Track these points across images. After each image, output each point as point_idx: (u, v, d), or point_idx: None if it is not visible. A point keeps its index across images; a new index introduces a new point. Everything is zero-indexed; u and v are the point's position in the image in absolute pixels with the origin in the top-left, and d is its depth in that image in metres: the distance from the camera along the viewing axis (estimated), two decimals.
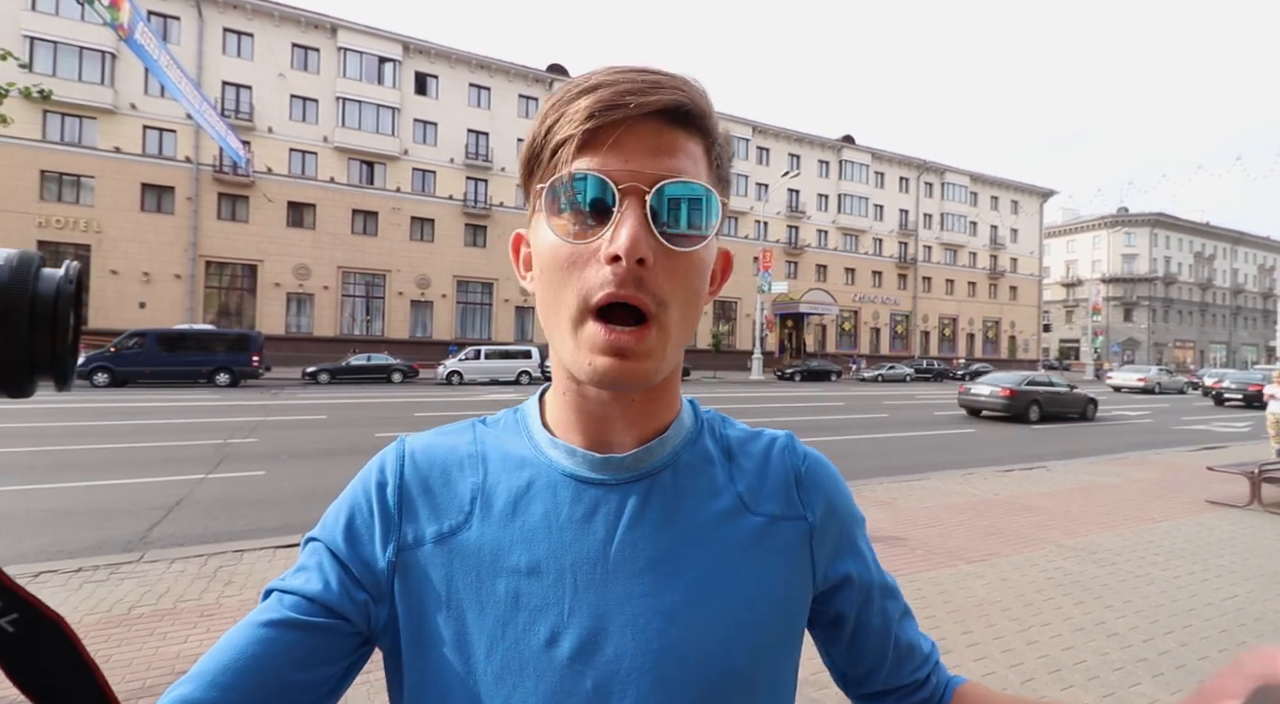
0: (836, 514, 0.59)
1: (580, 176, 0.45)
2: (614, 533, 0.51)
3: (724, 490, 0.55)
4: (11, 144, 24.68)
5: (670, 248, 0.45)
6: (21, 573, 4.17)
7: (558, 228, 0.46)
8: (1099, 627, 3.65)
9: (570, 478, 0.52)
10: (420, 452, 0.56)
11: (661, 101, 0.45)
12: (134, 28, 9.63)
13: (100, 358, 18.55)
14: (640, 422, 0.54)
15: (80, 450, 8.64)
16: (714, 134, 0.50)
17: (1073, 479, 8.11)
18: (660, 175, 0.45)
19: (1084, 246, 67.42)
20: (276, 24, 29.39)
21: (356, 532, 0.52)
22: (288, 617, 0.48)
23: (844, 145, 44.83)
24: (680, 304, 0.47)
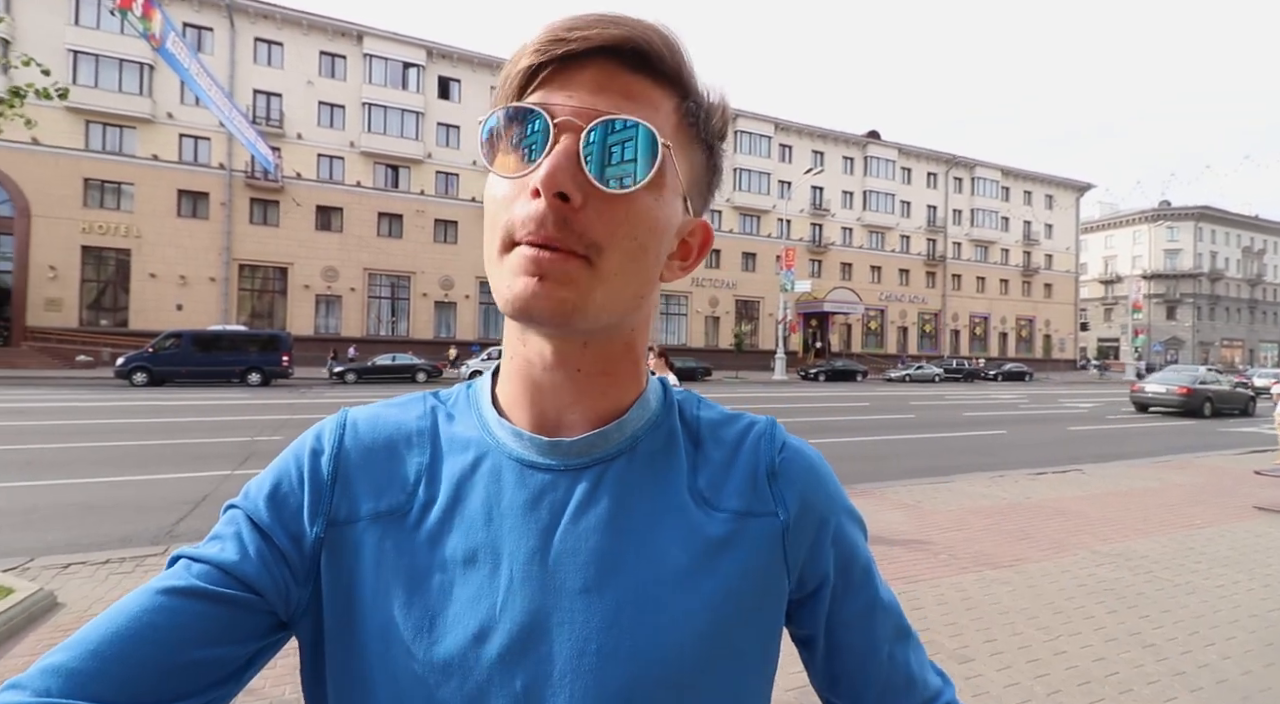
0: (816, 511, 0.52)
1: (517, 110, 0.43)
2: (558, 523, 0.46)
3: (682, 482, 0.50)
4: (57, 153, 25.70)
5: (601, 187, 0.41)
6: (51, 564, 4.29)
7: (498, 165, 0.44)
8: (1133, 637, 3.47)
9: (517, 462, 0.49)
10: (364, 422, 0.51)
11: (610, 36, 0.42)
12: (165, 37, 9.91)
13: (139, 358, 19.17)
14: (591, 397, 0.49)
15: (114, 447, 8.91)
16: (688, 89, 0.46)
17: (1109, 483, 7.80)
18: (601, 112, 0.42)
19: (1123, 242, 65.29)
20: (305, 32, 30.06)
21: (282, 500, 0.48)
22: (193, 585, 0.42)
23: (869, 141, 44.12)
24: (621, 254, 0.43)
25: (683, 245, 0.51)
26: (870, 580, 0.54)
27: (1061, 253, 52.96)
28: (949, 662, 3.14)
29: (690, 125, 0.47)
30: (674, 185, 0.46)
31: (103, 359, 24.46)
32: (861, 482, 7.66)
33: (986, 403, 21.18)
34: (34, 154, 25.17)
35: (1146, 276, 60.46)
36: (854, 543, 0.54)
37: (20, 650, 3.14)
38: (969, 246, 48.37)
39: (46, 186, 25.47)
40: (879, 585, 0.55)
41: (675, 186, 0.46)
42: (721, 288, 39.17)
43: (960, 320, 47.89)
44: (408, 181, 31.86)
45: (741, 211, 40.12)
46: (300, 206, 29.53)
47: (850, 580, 0.53)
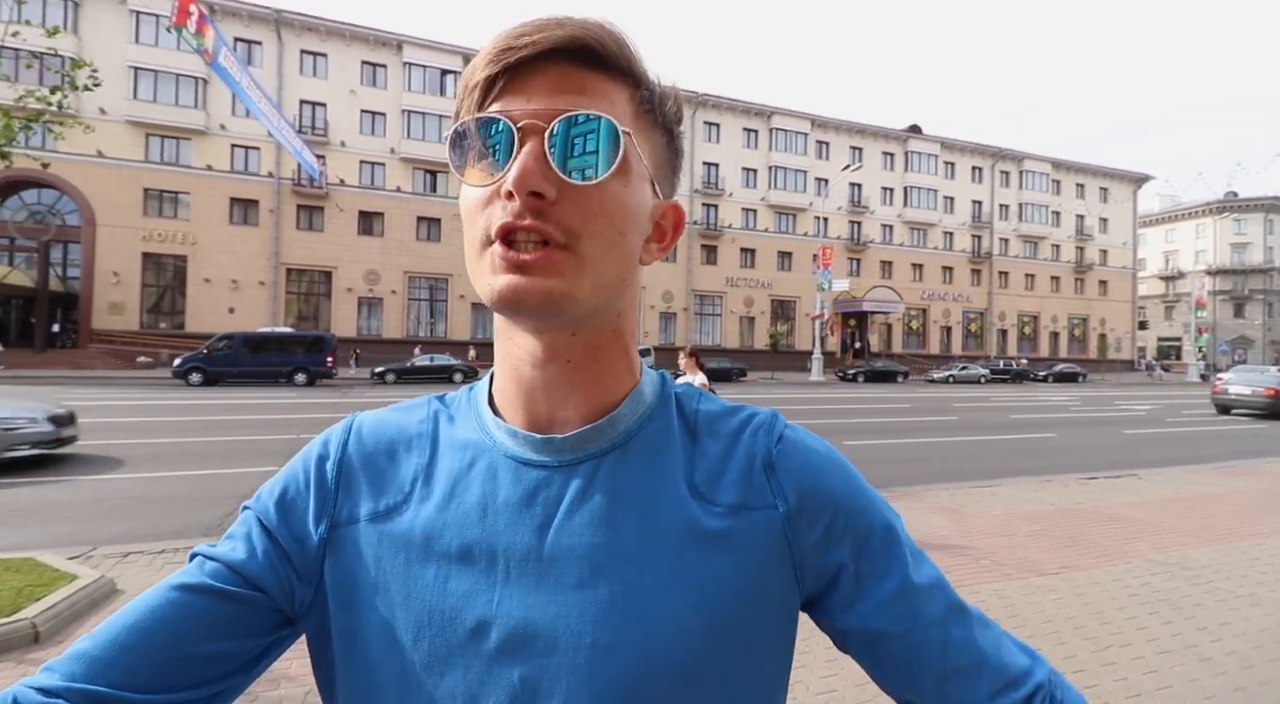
0: (818, 498, 0.50)
1: (481, 121, 0.44)
2: (552, 519, 0.47)
3: (678, 476, 0.50)
4: (119, 165, 27.18)
5: (571, 181, 0.43)
6: (112, 553, 4.53)
7: (469, 177, 0.45)
8: (1189, 650, 3.29)
9: (512, 460, 0.50)
10: (368, 427, 0.54)
11: (558, 38, 0.44)
12: (218, 52, 10.35)
13: (195, 359, 20.09)
14: (581, 391, 0.50)
15: (173, 443, 9.37)
16: (639, 79, 0.48)
17: (1168, 488, 7.42)
18: (560, 111, 0.43)
19: (1185, 236, 62.07)
20: (348, 43, 31.04)
21: (290, 503, 0.51)
22: (204, 582, 0.46)
23: (910, 135, 43.04)
24: (599, 241, 0.44)
25: (657, 228, 0.52)
26: (898, 560, 0.50)
27: (1118, 248, 50.63)
28: None
29: (647, 112, 0.48)
30: (640, 171, 0.47)
31: (161, 360, 25.74)
32: (900, 485, 7.48)
33: (1035, 405, 20.42)
34: (99, 166, 26.68)
35: (1211, 272, 57.30)
36: (871, 523, 0.51)
37: (83, 633, 3.32)
38: (1017, 243, 46.68)
39: (110, 197, 26.96)
40: (913, 563, 0.51)
41: (641, 172, 0.47)
42: (757, 287, 38.78)
43: (1008, 319, 46.27)
44: (446, 186, 32.58)
45: (777, 210, 39.65)
46: (343, 212, 30.51)
47: (873, 563, 0.50)
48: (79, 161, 25.61)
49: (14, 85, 3.56)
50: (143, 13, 27.30)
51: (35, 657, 3.06)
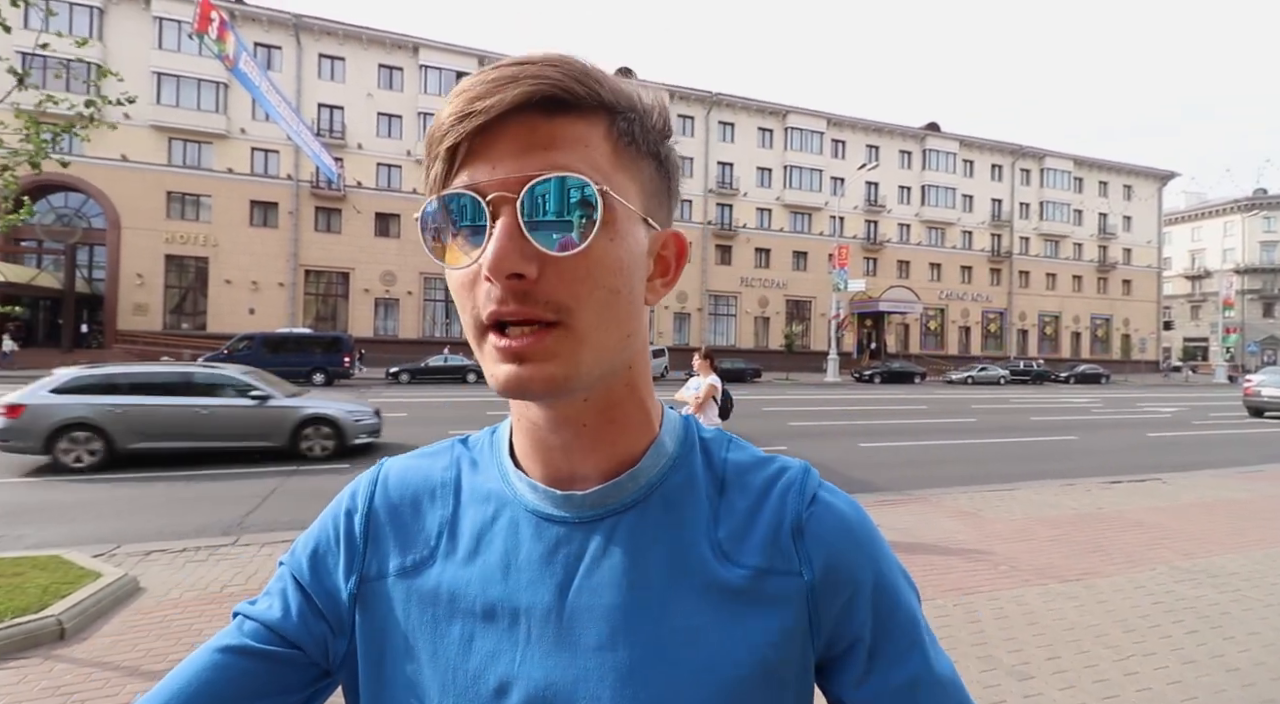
0: (846, 571, 0.48)
1: (446, 199, 0.42)
2: (572, 578, 0.47)
3: (700, 533, 0.48)
4: (142, 169, 27.74)
5: (553, 253, 0.40)
6: (135, 551, 4.63)
7: (448, 259, 0.43)
8: (1215, 660, 3.21)
9: (533, 514, 0.49)
10: (395, 477, 0.54)
11: (516, 96, 0.40)
12: (238, 57, 10.52)
13: (216, 359, 20.41)
14: (599, 450, 0.49)
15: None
16: (614, 108, 0.44)
17: (1193, 493, 7.26)
18: (529, 177, 0.40)
19: (1212, 234, 60.63)
20: (365, 47, 31.39)
21: (321, 559, 0.52)
22: (244, 644, 0.48)
23: (928, 133, 42.54)
24: (594, 307, 0.42)
25: (659, 262, 0.49)
26: (919, 648, 0.48)
27: (1142, 246, 49.63)
28: (1006, 679, 2.99)
29: (629, 145, 0.44)
30: (627, 216, 0.43)
31: (184, 360, 26.22)
32: (916, 488, 7.39)
33: (1056, 407, 20.09)
34: (123, 170, 27.26)
35: (1239, 271, 55.92)
36: (894, 604, 0.49)
37: (108, 630, 3.39)
38: (1038, 241, 45.95)
39: (134, 200, 27.53)
40: (931, 656, 0.49)
41: (629, 217, 0.44)
42: (771, 288, 38.58)
43: (1028, 319, 45.56)
44: None
45: (792, 210, 39.41)
46: (360, 214, 30.85)
47: (892, 646, 0.48)
48: (104, 166, 26.20)
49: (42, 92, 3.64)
50: (166, 19, 27.82)
51: (61, 653, 3.13)
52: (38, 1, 3.72)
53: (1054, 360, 43.48)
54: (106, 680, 2.88)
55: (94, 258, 28.30)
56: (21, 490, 6.43)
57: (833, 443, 11.17)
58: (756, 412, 15.31)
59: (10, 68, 3.65)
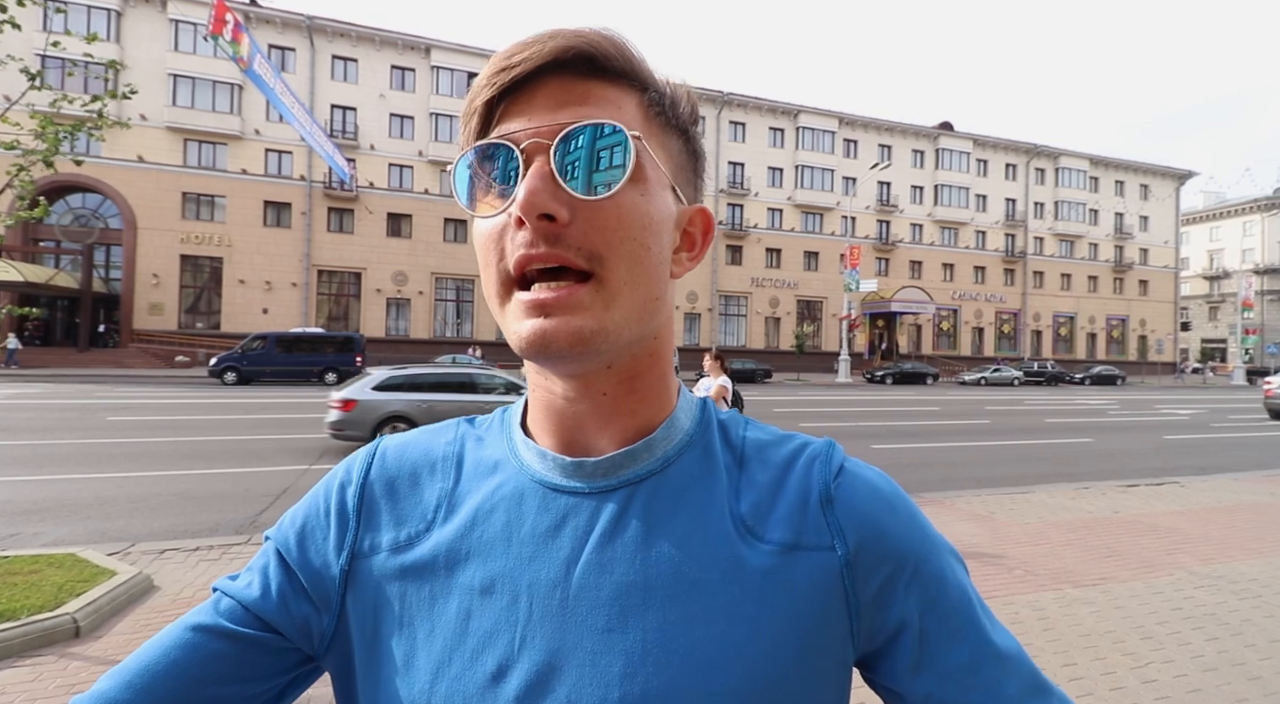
0: (885, 543, 0.44)
1: (481, 149, 0.42)
2: (580, 552, 0.43)
3: (722, 507, 0.45)
4: (158, 170, 28.09)
5: (584, 197, 0.40)
6: (150, 550, 4.67)
7: (478, 210, 0.43)
8: (1236, 668, 3.14)
9: (540, 484, 0.46)
10: (393, 450, 0.51)
11: (557, 49, 0.41)
12: (253, 59, 10.62)
13: (230, 358, 20.65)
14: (617, 419, 0.46)
15: (208, 441, 9.63)
16: (647, 82, 0.45)
17: (1212, 497, 7.13)
18: (564, 125, 0.40)
19: (1231, 234, 59.64)
20: (378, 48, 31.60)
21: (309, 533, 0.48)
22: (217, 624, 0.44)
23: (941, 132, 42.18)
24: (624, 259, 0.41)
25: (685, 237, 0.48)
26: (974, 624, 0.45)
27: (1159, 247, 48.93)
28: None
29: (658, 115, 0.45)
30: (657, 178, 0.44)
31: (198, 359, 26.53)
32: (929, 490, 7.32)
33: (1071, 409, 19.84)
34: (139, 170, 27.62)
35: (1259, 271, 54.97)
36: (944, 579, 0.45)
37: (122, 628, 3.42)
38: (1052, 241, 45.42)
39: (150, 201, 27.89)
40: (990, 630, 0.45)
41: (659, 179, 0.44)
42: (782, 288, 38.42)
43: (1042, 320, 45.04)
44: None
45: (803, 209, 39.23)
46: (372, 214, 31.06)
47: (945, 625, 0.44)
48: (121, 167, 26.57)
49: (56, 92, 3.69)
50: (181, 21, 28.14)
51: (76, 651, 3.16)
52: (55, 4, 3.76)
53: (1069, 362, 42.98)
54: None
55: (110, 258, 28.70)
56: (36, 488, 6.52)
57: (845, 444, 10.91)
58: (767, 413, 15.23)
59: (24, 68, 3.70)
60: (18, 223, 3.92)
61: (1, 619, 3.19)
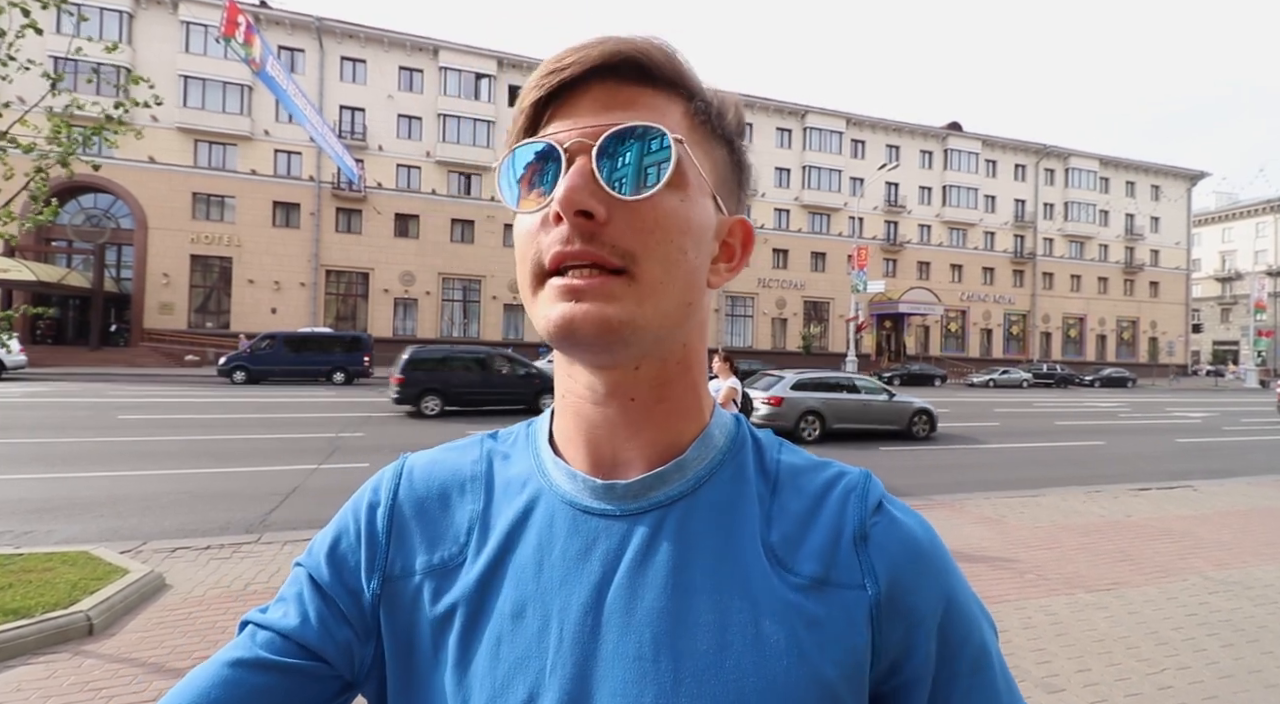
0: (917, 592, 0.43)
1: (528, 147, 0.43)
2: (611, 576, 0.43)
3: (753, 535, 0.44)
4: (169, 170, 28.31)
5: (622, 197, 0.40)
6: (161, 548, 4.70)
7: (521, 205, 0.43)
8: (1253, 675, 3.11)
9: (569, 505, 0.45)
10: (420, 470, 0.51)
11: (605, 54, 0.42)
12: (265, 62, 10.67)
13: (239, 358, 20.77)
14: (646, 430, 0.45)
15: (218, 440, 9.68)
16: (694, 91, 0.45)
17: (1226, 501, 7.06)
18: (607, 126, 0.41)
19: (1244, 235, 59.05)
20: (386, 49, 31.74)
21: (341, 557, 0.47)
22: (258, 656, 0.43)
23: (949, 133, 41.96)
24: (658, 261, 0.41)
25: (724, 247, 0.48)
26: (988, 689, 0.44)
27: (1170, 248, 48.49)
28: (1035, 690, 2.92)
29: (703, 124, 0.45)
30: (699, 184, 0.44)
31: (208, 358, 26.70)
32: (938, 493, 7.28)
33: (1082, 411, 19.69)
34: (150, 171, 27.84)
35: (1272, 273, 54.38)
36: (966, 636, 0.44)
37: (134, 626, 3.45)
38: (1062, 242, 45.09)
39: (161, 201, 28.11)
40: (1004, 697, 0.44)
41: (700, 186, 0.44)
42: (789, 288, 38.31)
43: (1052, 322, 44.71)
44: (479, 188, 33.04)
45: (810, 210, 39.11)
46: (380, 215, 31.20)
47: (957, 683, 0.44)
48: (132, 167, 26.77)
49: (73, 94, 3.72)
50: (193, 23, 28.36)
51: (89, 648, 3.18)
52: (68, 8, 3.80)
53: (1078, 363, 42.63)
54: (134, 677, 2.92)
55: (121, 258, 28.94)
56: (49, 486, 6.57)
57: (853, 445, 11.04)
58: None
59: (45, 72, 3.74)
60: (34, 225, 3.96)
61: (16, 616, 3.22)
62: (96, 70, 4.03)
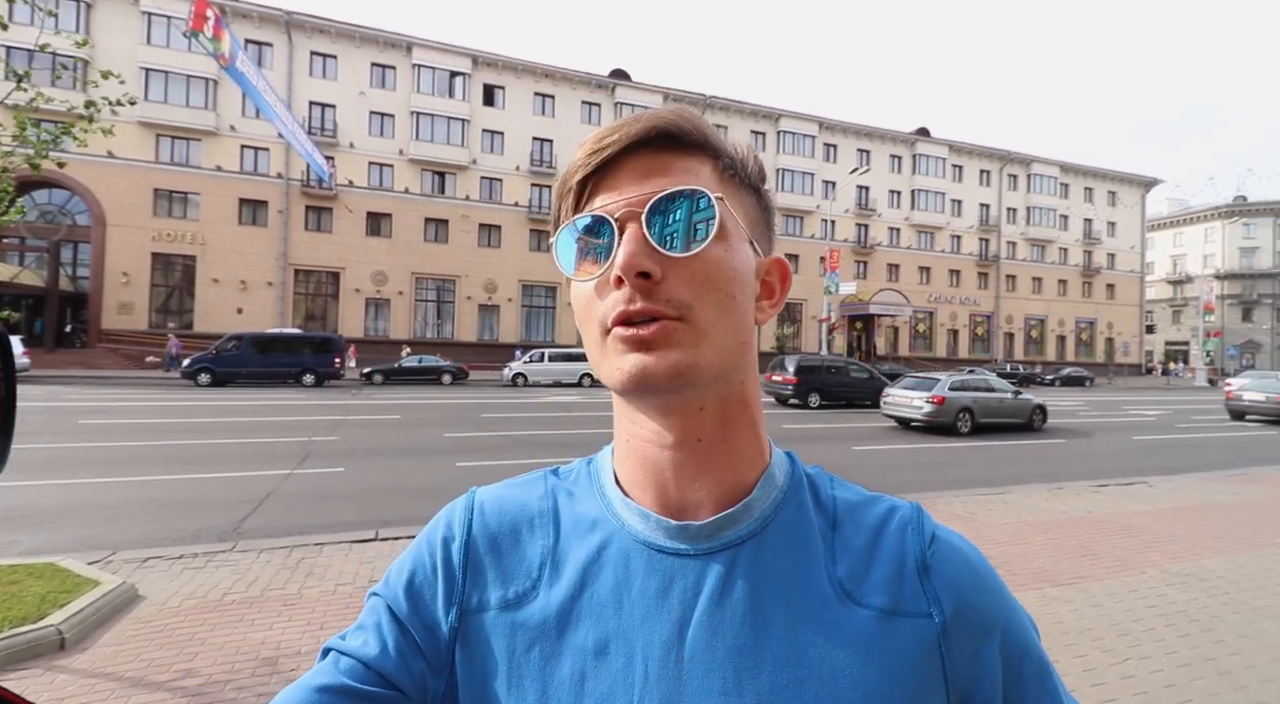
0: (978, 613, 0.46)
1: (579, 221, 0.46)
2: (690, 614, 0.45)
3: (820, 570, 0.46)
4: (130, 165, 27.34)
5: (675, 256, 0.44)
6: (132, 558, 4.58)
7: (579, 273, 0.46)
8: (1208, 663, 3.29)
9: (644, 546, 0.47)
10: (490, 504, 0.53)
11: (642, 130, 0.46)
12: (234, 56, 10.42)
13: (203, 360, 20.19)
14: (712, 471, 0.48)
15: (185, 445, 9.42)
16: (720, 150, 0.49)
17: (1180, 497, 7.40)
18: (651, 194, 0.45)
19: (1194, 240, 61.61)
20: (357, 45, 31.16)
21: (418, 590, 0.49)
22: (343, 684, 0.45)
23: (918, 138, 42.92)
24: (712, 307, 0.45)
25: (764, 285, 0.52)
26: (1053, 694, 0.48)
27: (1125, 252, 50.38)
28: None
29: (732, 177, 0.49)
30: (737, 233, 0.47)
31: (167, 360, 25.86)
32: (911, 491, 7.48)
33: None
34: (109, 166, 26.83)
35: (1220, 276, 56.90)
36: (1027, 650, 0.48)
37: (108, 639, 3.36)
38: (1025, 246, 46.50)
39: (120, 197, 27.13)
40: (1062, 696, 0.48)
41: (739, 234, 0.48)
42: None
43: (1015, 323, 46.07)
44: (453, 187, 32.65)
45: (784, 213, 39.59)
46: (352, 213, 30.62)
47: (1025, 694, 0.47)
48: (90, 162, 25.76)
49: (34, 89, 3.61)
50: (155, 14, 27.43)
51: (62, 663, 3.10)
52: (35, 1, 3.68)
53: (1040, 363, 43.98)
54: (111, 691, 2.85)
55: (78, 255, 27.87)
56: (7, 495, 6.32)
57: (827, 446, 11.25)
58: None
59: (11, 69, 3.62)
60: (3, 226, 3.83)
61: None
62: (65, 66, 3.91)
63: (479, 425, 12.60)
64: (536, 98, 34.28)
